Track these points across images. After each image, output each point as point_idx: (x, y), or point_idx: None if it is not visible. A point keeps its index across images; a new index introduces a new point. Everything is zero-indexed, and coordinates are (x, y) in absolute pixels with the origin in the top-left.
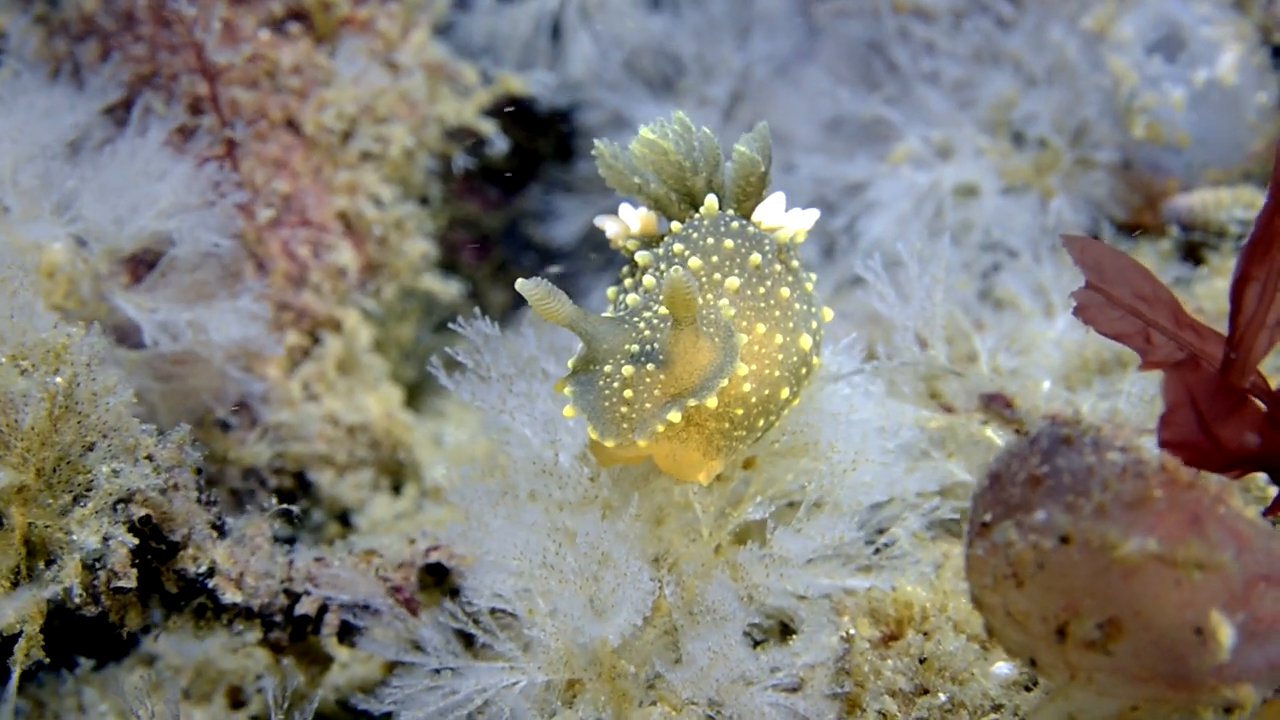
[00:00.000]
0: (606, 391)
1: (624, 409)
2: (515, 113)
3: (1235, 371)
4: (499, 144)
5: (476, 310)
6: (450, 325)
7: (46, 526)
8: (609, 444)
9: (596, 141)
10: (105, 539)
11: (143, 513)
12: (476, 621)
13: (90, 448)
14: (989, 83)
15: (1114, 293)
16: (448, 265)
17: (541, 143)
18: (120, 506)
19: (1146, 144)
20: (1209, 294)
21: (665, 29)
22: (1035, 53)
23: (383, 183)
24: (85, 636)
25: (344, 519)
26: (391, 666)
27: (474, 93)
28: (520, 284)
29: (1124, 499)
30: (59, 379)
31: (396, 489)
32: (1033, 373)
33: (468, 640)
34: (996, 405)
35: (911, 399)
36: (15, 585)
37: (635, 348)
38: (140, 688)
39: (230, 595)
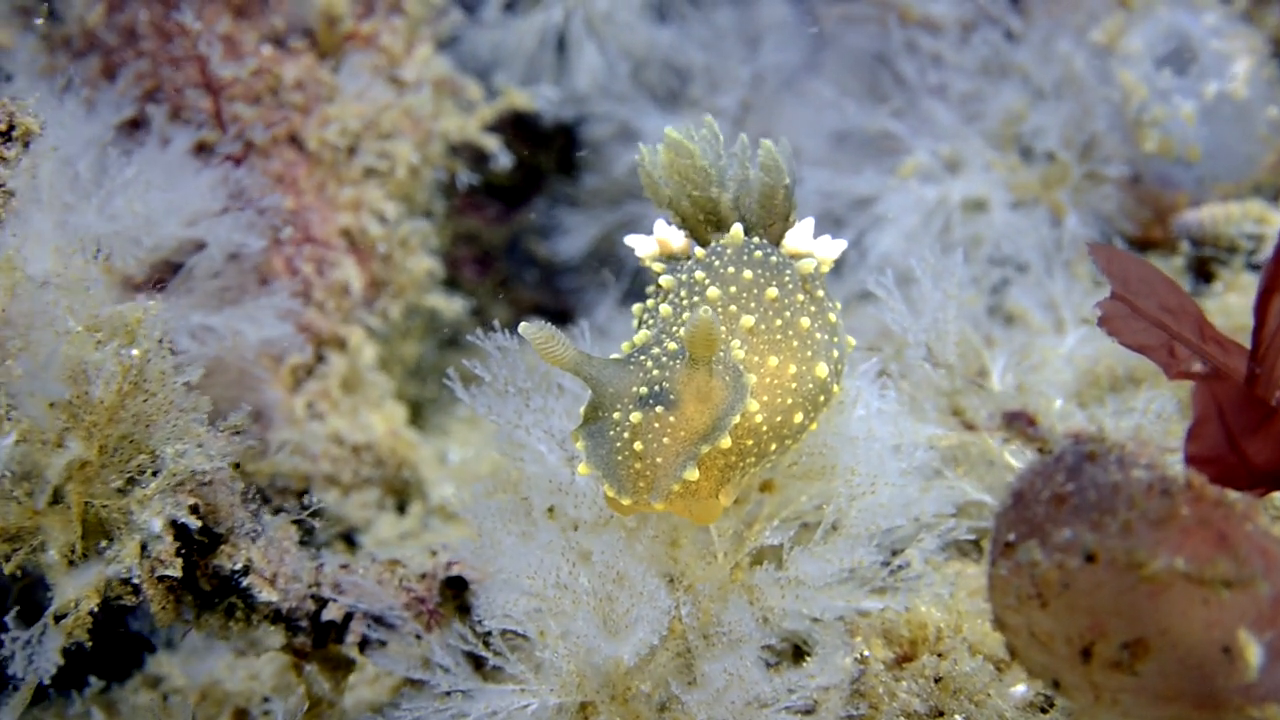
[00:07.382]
0: (618, 444)
1: (637, 465)
2: (519, 127)
3: (1259, 386)
4: (503, 159)
5: (495, 323)
6: (460, 340)
7: (104, 506)
8: (626, 502)
9: (641, 146)
10: (171, 522)
11: (191, 501)
12: (487, 644)
13: (152, 427)
14: (997, 96)
15: (1139, 304)
16: (450, 281)
17: (544, 157)
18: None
19: (1156, 158)
20: (1220, 309)
21: (672, 41)
22: (1043, 66)
23: (387, 199)
24: (96, 649)
25: (349, 538)
26: (401, 688)
27: (478, 108)
28: (523, 328)
29: (1150, 516)
30: (135, 352)
31: (401, 508)
32: (1045, 390)
33: (478, 661)
34: (1019, 423)
35: (932, 415)
36: (70, 564)
37: (644, 390)
38: (150, 709)
39: (266, 594)
